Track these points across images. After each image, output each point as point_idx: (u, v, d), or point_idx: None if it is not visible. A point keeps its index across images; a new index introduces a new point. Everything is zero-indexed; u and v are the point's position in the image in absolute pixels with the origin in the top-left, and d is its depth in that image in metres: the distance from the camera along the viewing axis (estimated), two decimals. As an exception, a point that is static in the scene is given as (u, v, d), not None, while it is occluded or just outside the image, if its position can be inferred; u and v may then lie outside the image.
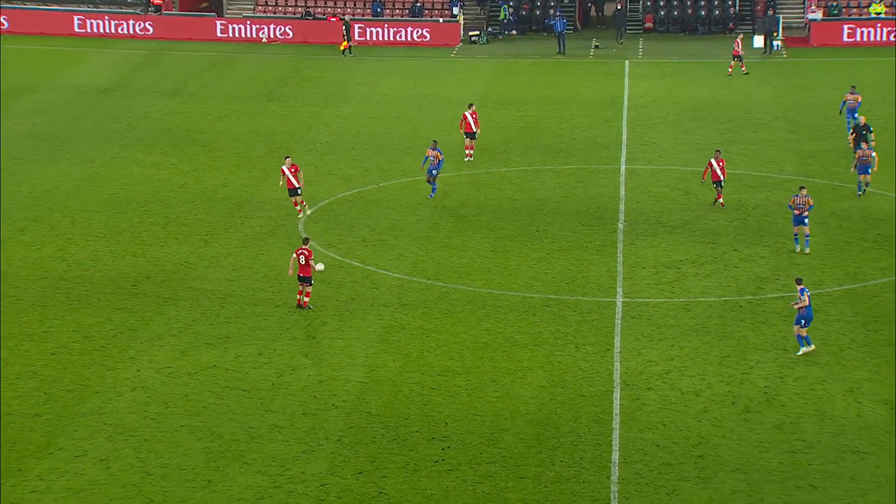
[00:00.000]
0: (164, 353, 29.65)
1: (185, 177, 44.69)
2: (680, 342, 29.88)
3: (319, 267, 32.07)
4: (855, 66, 61.73)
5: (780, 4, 71.46)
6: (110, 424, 26.12)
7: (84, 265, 35.60)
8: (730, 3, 72.78)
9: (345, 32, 67.69)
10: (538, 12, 74.14)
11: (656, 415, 26.29)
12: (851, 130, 43.39)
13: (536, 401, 27.03)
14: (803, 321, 28.59)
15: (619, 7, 70.69)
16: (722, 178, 39.03)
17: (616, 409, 26.53)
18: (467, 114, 46.07)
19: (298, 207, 39.27)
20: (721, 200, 39.35)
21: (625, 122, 52.09)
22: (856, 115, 45.79)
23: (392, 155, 47.34)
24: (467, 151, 46.27)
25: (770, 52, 65.94)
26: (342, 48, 67.27)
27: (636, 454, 24.67)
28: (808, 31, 69.10)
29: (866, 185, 40.37)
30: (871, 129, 42.90)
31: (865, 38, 67.42)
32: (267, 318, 31.65)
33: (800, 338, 28.82)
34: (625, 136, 49.67)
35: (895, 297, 32.27)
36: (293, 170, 38.79)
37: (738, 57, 60.36)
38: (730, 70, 60.62)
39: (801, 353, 28.72)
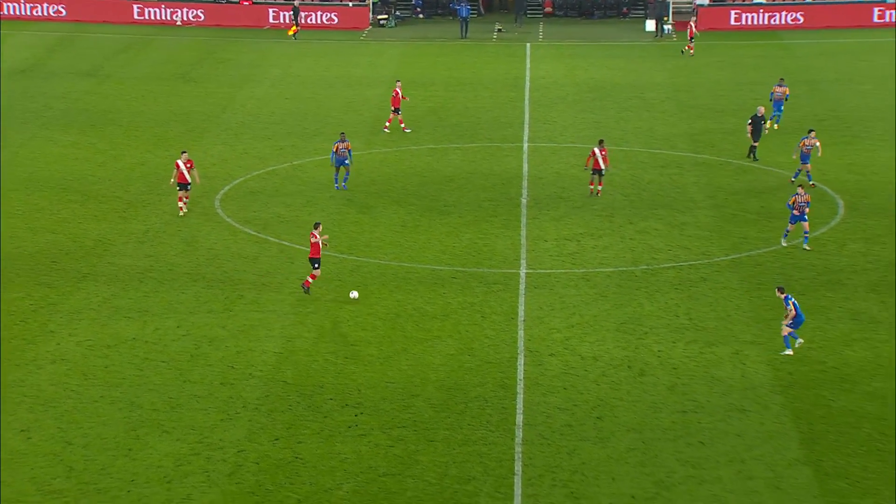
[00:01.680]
0: (83, 326, 29.12)
1: (103, 156, 43.83)
2: (580, 310, 30.19)
3: (354, 294, 30.71)
4: (740, 49, 62.70)
5: (669, -10, 72.29)
6: (31, 396, 25.61)
7: (3, 242, 34.74)
8: (624, -12, 73.46)
9: (293, 17, 66.86)
10: (443, -3, 74.15)
11: (558, 379, 26.56)
12: (750, 121, 42.16)
13: (445, 368, 27.13)
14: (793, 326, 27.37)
15: (520, -8, 71.07)
16: (603, 167, 37.90)
17: (520, 375, 26.74)
18: (397, 89, 46.37)
19: (182, 204, 36.71)
20: (599, 188, 38.07)
21: (527, 102, 52.30)
22: (781, 108, 45.67)
23: (305, 134, 46.99)
24: (401, 125, 46.46)
25: (661, 36, 66.70)
26: (290, 32, 66.20)
27: (539, 417, 24.91)
28: (696, 15, 69.96)
29: (808, 172, 38.95)
30: (765, 120, 42.61)
31: (749, 23, 68.50)
32: (185, 293, 31.26)
33: (786, 338, 27.62)
34: (527, 116, 49.89)
35: (779, 265, 33.00)
36: (188, 165, 36.58)
37: (692, 38, 60.69)
38: (685, 49, 60.89)
39: (784, 353, 27.44)
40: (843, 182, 39.89)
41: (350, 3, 71.36)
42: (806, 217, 33.60)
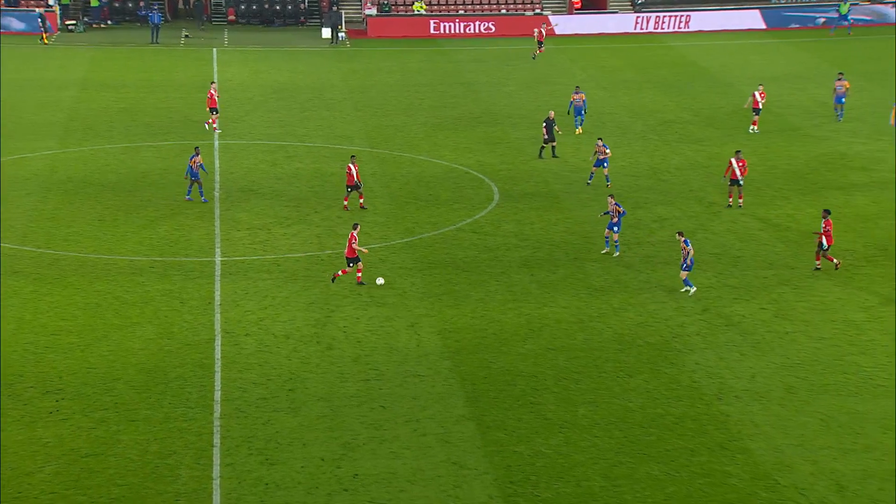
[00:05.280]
0: None
1: None
2: (272, 293, 30.01)
3: (380, 281, 29.80)
4: (405, 55, 64.18)
5: (342, 1, 72.91)
6: None
7: None
8: (301, -1, 73.52)
9: (41, 23, 61.99)
10: (131, 4, 71.29)
11: (253, 357, 26.30)
12: (544, 124, 41.61)
13: (146, 352, 26.24)
14: (685, 266, 29.47)
15: (197, -1, 70.00)
16: (357, 181, 36.01)
17: (218, 355, 26.29)
18: (212, 91, 45.05)
19: None
20: (361, 201, 36.52)
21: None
22: (583, 113, 45.41)
23: (-3, 134, 43.96)
24: (214, 125, 45.14)
25: (336, 43, 67.19)
26: (45, 40, 61.98)
27: (236, 392, 24.59)
28: (366, 24, 71.04)
29: (606, 176, 38.95)
30: (555, 123, 42.14)
31: (413, 32, 70.22)
32: None
33: (686, 281, 29.80)
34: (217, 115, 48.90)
35: (446, 246, 34.12)
36: None
37: (541, 43, 60.65)
38: (535, 54, 60.91)
39: (684, 290, 29.65)
40: (497, 171, 41.74)
41: (38, 10, 67.16)
42: (616, 228, 32.17)
